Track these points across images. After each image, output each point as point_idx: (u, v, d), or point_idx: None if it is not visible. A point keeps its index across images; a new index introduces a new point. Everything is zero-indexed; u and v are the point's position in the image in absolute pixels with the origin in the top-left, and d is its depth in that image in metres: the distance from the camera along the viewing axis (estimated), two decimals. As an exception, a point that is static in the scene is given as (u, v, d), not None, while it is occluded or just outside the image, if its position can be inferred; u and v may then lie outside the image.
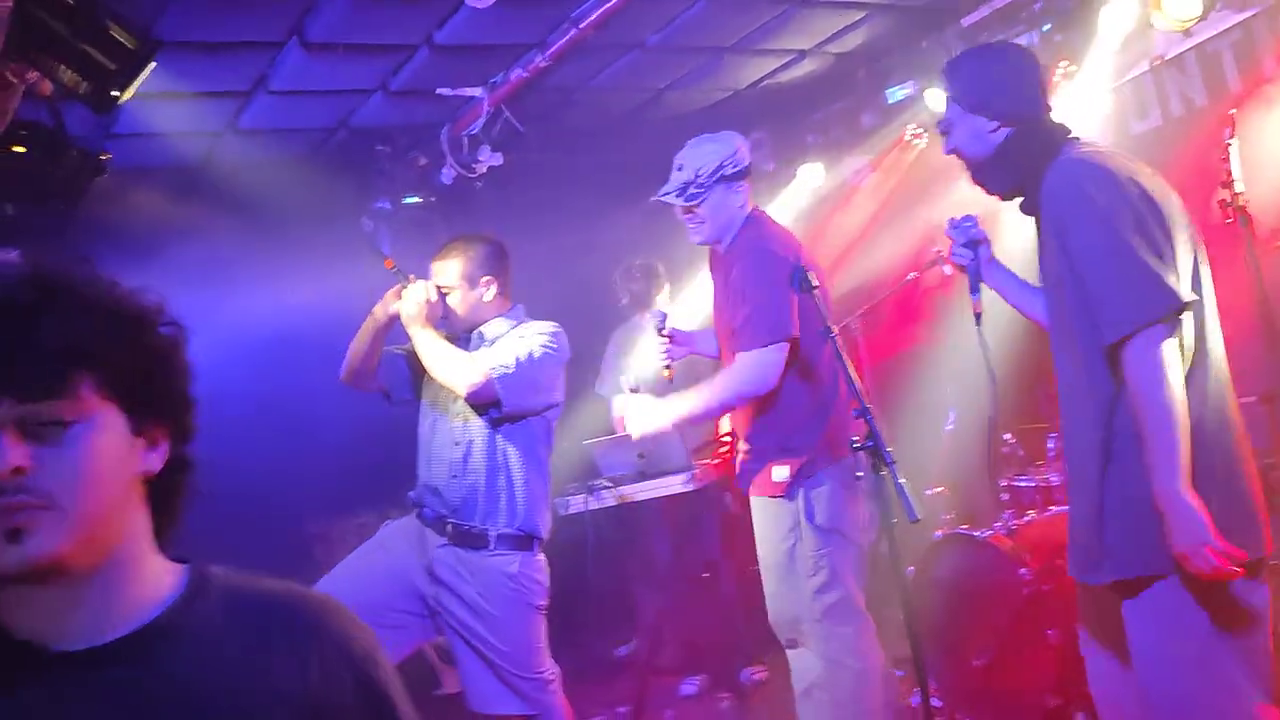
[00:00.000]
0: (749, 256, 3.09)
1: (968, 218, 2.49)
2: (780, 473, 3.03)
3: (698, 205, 3.13)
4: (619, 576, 4.90)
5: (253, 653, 1.21)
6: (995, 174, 2.39)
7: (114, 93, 2.76)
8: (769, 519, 3.13)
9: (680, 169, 3.15)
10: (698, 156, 3.13)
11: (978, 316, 2.45)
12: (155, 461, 1.24)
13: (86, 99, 2.77)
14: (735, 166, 3.12)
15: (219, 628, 1.22)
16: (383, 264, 3.23)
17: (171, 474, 1.26)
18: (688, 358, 3.46)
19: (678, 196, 3.12)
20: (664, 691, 5.08)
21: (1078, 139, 2.37)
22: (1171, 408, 2.08)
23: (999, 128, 2.35)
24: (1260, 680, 2.13)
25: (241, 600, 1.26)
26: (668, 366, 3.27)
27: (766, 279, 3.01)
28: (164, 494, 1.26)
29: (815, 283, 2.62)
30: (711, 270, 3.36)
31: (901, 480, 2.30)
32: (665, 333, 3.29)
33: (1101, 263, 2.16)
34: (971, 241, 2.49)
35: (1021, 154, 2.32)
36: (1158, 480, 2.08)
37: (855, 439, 2.46)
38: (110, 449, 1.17)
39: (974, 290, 2.48)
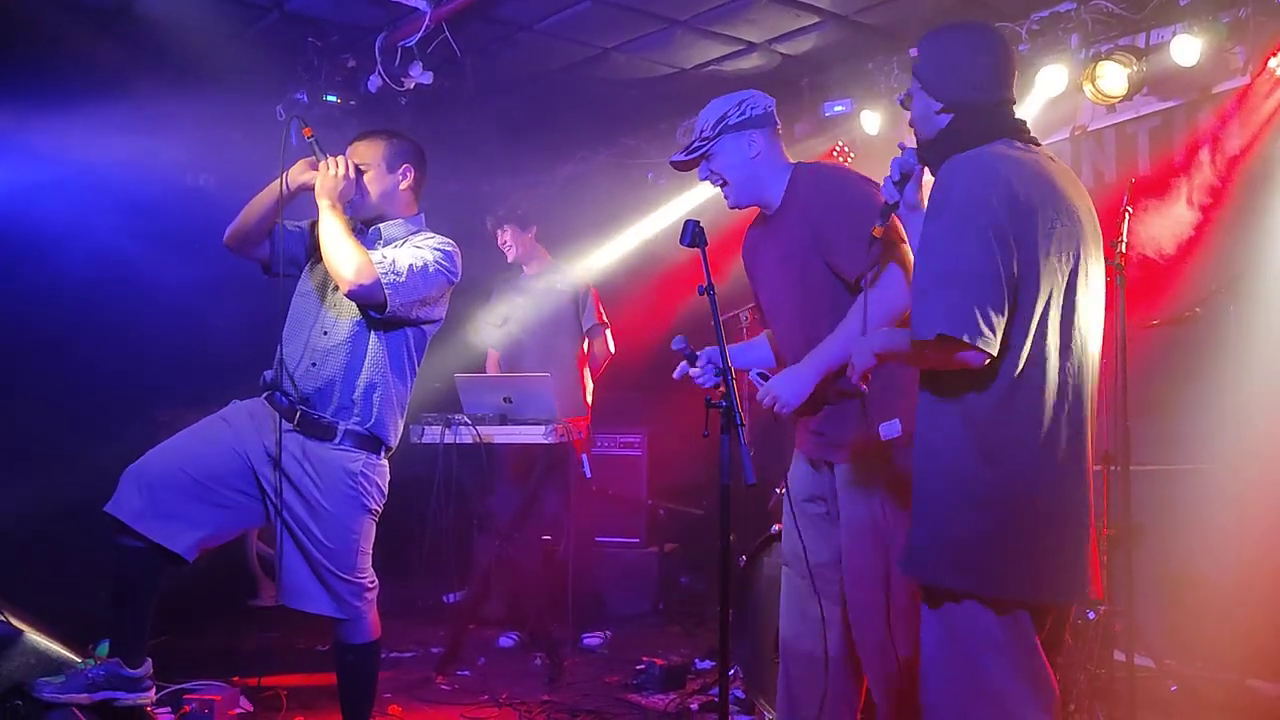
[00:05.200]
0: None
1: (908, 149, 2.39)
2: None
3: (704, 157, 2.92)
4: (461, 518, 4.83)
5: None
6: (934, 154, 2.35)
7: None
8: None
9: (693, 133, 2.97)
10: (703, 114, 2.95)
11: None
12: None
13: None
14: (740, 115, 2.90)
15: None
16: (300, 131, 3.10)
17: None
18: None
19: (684, 154, 2.95)
20: (482, 641, 5.07)
21: (1017, 139, 2.31)
22: (882, 351, 2.32)
23: (942, 110, 2.34)
24: (1042, 699, 2.19)
25: None
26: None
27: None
28: None
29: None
30: (760, 246, 3.05)
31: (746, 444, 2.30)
32: (688, 354, 2.87)
33: (937, 256, 2.16)
34: (903, 176, 2.38)
35: (953, 139, 2.31)
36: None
37: (709, 397, 2.46)
38: None
39: (882, 219, 2.42)
